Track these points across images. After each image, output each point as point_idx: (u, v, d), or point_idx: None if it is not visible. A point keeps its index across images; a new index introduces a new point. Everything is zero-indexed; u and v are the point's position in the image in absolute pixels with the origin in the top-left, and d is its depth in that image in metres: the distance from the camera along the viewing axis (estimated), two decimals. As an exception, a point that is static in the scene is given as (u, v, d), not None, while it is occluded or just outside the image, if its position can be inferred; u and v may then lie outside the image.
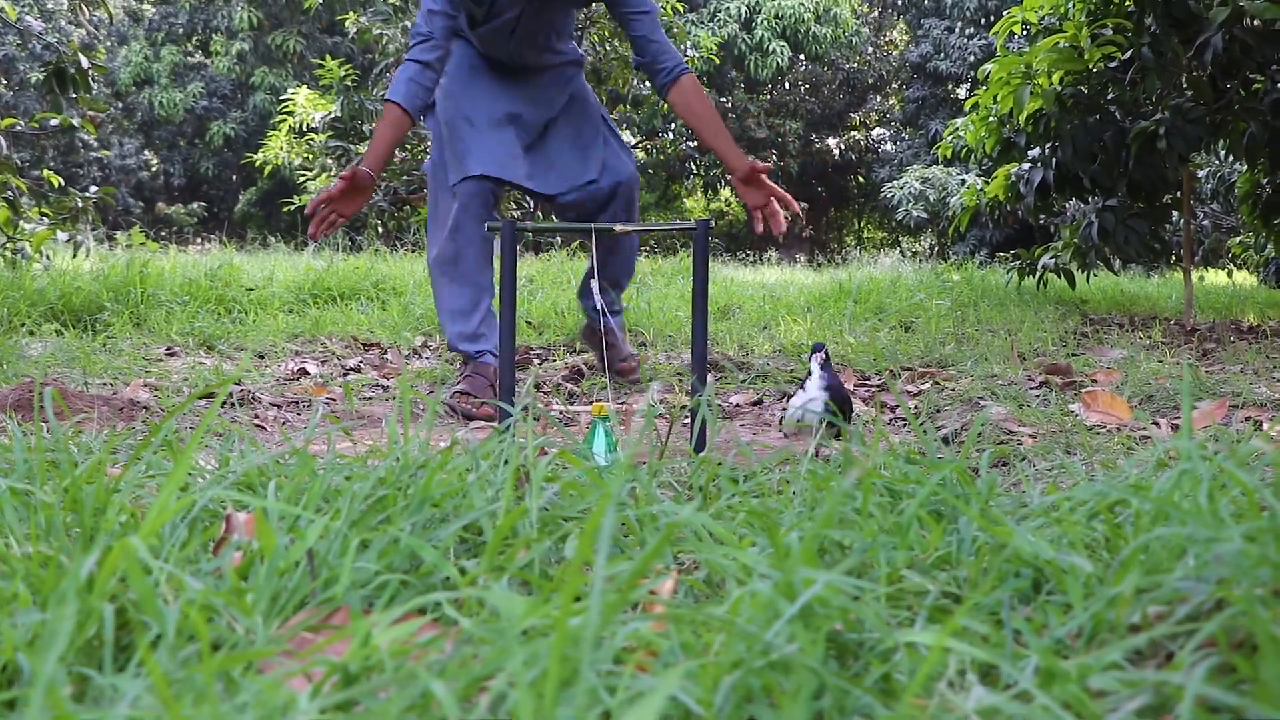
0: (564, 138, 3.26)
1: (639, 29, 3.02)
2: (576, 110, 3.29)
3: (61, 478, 1.21)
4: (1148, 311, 6.99)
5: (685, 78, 2.98)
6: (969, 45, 21.53)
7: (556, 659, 0.61)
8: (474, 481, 1.20)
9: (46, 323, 4.51)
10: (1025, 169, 6.52)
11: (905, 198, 17.51)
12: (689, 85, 2.98)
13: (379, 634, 0.80)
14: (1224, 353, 4.44)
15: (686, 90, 2.98)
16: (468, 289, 3.15)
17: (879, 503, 1.23)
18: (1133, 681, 0.79)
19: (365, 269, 6.68)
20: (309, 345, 4.51)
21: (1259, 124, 5.69)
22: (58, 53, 5.54)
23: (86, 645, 0.85)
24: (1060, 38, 5.82)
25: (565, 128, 3.27)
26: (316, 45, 24.55)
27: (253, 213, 24.81)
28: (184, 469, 0.94)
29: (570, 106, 3.29)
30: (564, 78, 3.30)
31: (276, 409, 3.01)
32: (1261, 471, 1.28)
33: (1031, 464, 2.11)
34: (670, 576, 1.06)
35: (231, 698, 0.78)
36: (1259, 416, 2.52)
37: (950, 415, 2.89)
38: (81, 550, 1.03)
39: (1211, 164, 10.59)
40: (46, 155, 21.77)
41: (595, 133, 3.28)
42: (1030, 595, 1.00)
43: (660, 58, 2.98)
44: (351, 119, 11.64)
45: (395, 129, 2.86)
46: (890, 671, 0.82)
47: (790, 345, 4.49)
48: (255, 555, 1.00)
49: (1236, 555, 0.86)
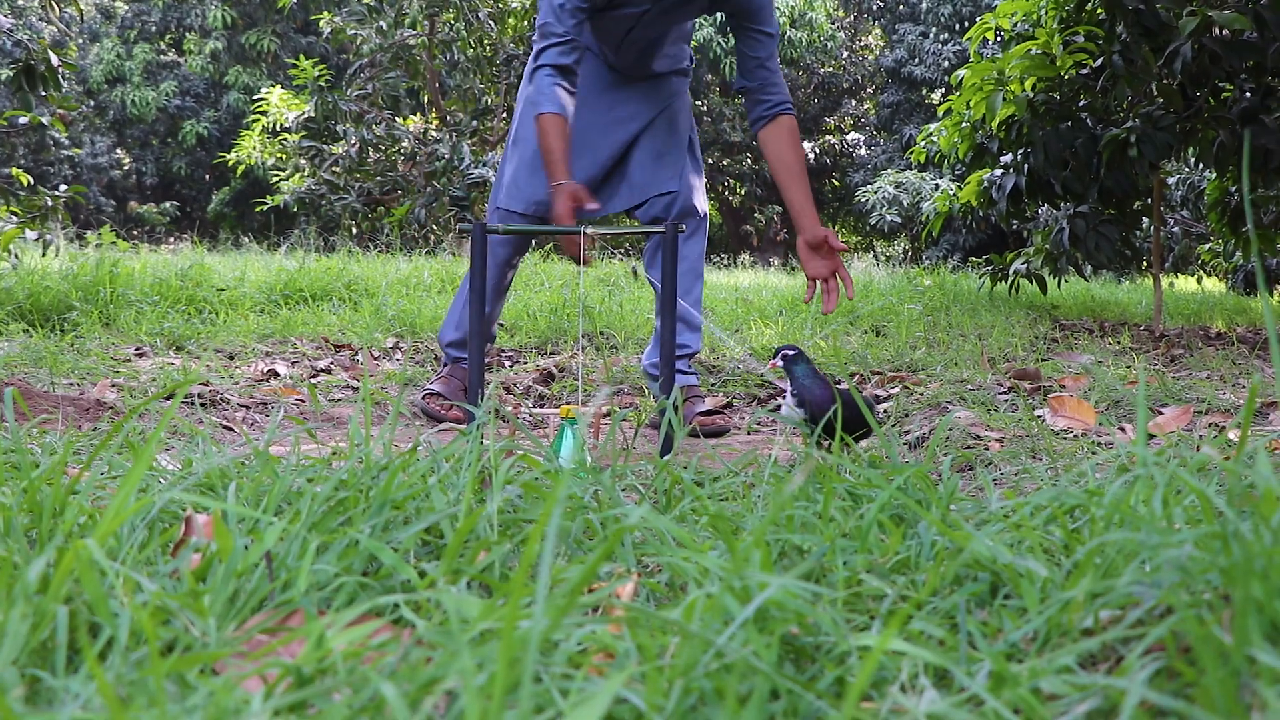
0: (646, 151, 3.06)
1: (758, 50, 2.82)
2: (665, 124, 3.10)
3: (20, 478, 1.20)
4: (1118, 317, 7.05)
5: (787, 118, 2.83)
6: (943, 51, 21.66)
7: (505, 662, 0.62)
8: (435, 483, 1.20)
9: (14, 322, 4.47)
10: (998, 175, 6.57)
11: (879, 202, 17.59)
12: (787, 126, 2.82)
13: (334, 636, 0.80)
14: (1191, 359, 4.48)
15: (784, 131, 2.82)
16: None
17: (840, 507, 1.24)
18: (1082, 685, 0.79)
19: (337, 270, 6.65)
20: (279, 346, 4.48)
21: (1227, 132, 5.75)
22: (27, 50, 5.50)
23: (40, 647, 0.85)
24: (1032, 44, 5.86)
25: (652, 140, 3.07)
26: (291, 45, 24.46)
27: (225, 213, 24.67)
28: (142, 469, 0.94)
29: (659, 120, 3.08)
30: (667, 89, 3.11)
31: (245, 410, 2.99)
32: (1217, 478, 1.29)
33: (996, 468, 2.13)
34: (631, 579, 1.06)
35: (185, 700, 0.77)
36: (1223, 422, 2.55)
37: (917, 420, 2.90)
38: (38, 552, 1.02)
39: (1181, 171, 10.70)
40: (16, 153, 21.58)
41: (680, 150, 3.09)
42: (987, 599, 1.01)
43: (769, 89, 2.82)
44: (325, 119, 11.60)
45: (563, 138, 2.64)
46: (844, 675, 0.82)
47: (761, 349, 4.50)
48: (214, 557, 1.00)
49: (1186, 561, 0.87)
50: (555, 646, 0.82)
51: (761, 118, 2.84)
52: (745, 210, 26.02)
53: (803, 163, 2.82)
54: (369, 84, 11.44)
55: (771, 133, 2.82)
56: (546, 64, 2.69)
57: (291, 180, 12.00)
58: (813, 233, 2.71)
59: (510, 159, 3.09)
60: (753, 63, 2.82)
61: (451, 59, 12.50)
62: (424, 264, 7.75)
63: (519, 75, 12.53)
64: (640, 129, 3.05)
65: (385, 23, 11.28)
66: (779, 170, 2.81)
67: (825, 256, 2.71)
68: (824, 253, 2.71)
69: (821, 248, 2.71)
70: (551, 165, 2.60)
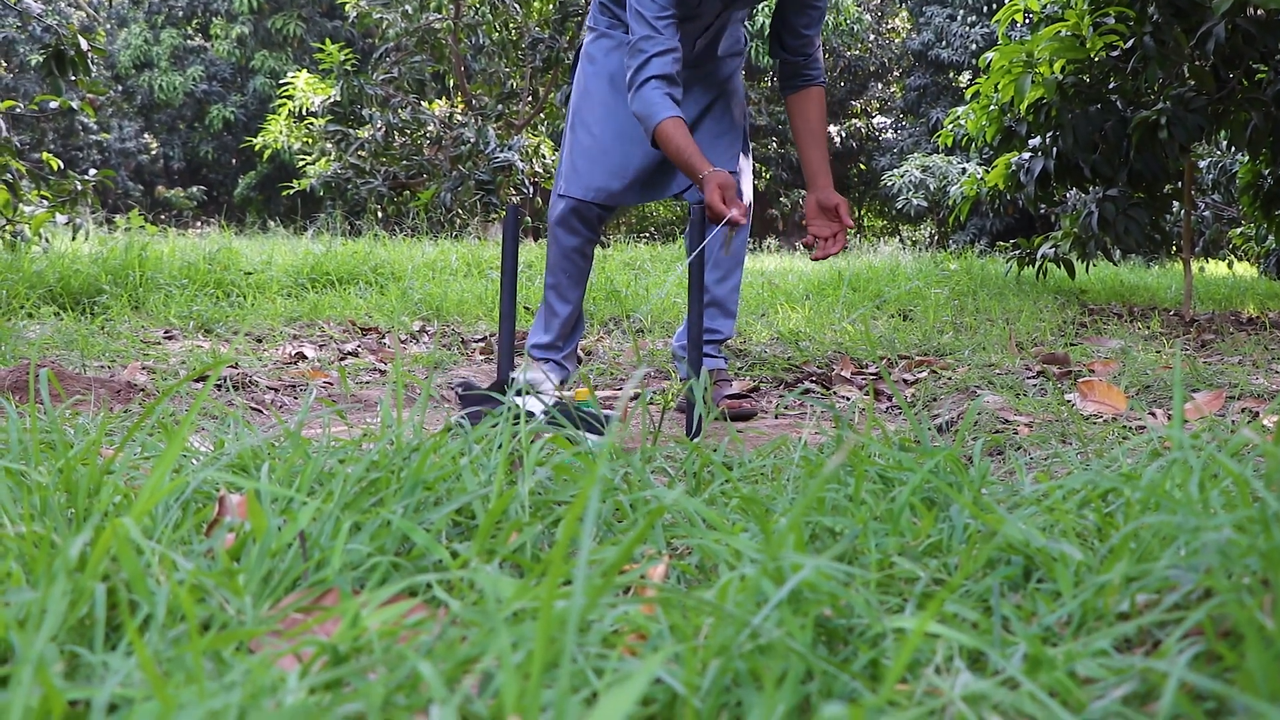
0: (706, 132, 3.06)
1: (807, 26, 2.90)
2: (722, 107, 3.10)
3: (56, 459, 1.21)
4: (1147, 302, 6.99)
5: (818, 90, 2.93)
6: (971, 33, 21.49)
7: (542, 641, 0.62)
8: (467, 465, 1.20)
9: (45, 305, 4.50)
10: (1026, 158, 6.52)
11: (905, 186, 17.50)
12: (817, 96, 2.93)
13: (368, 615, 0.80)
14: (1222, 344, 4.44)
15: (813, 100, 2.92)
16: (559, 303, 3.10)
17: (871, 490, 1.23)
18: (1119, 669, 0.79)
19: (364, 254, 6.67)
20: (307, 329, 4.50)
21: (1261, 114, 5.68)
22: (57, 35, 5.53)
23: (79, 624, 0.85)
24: (1062, 26, 5.81)
25: (711, 122, 3.08)
26: (316, 29, 24.50)
27: (252, 196, 24.79)
28: (176, 450, 0.94)
29: (718, 102, 3.09)
30: (726, 70, 3.11)
31: (273, 392, 3.01)
32: (1253, 462, 1.28)
33: (1026, 453, 2.12)
34: (662, 561, 1.06)
35: (221, 677, 0.78)
36: (1256, 408, 2.52)
37: (946, 404, 2.89)
38: (75, 531, 1.03)
39: (1213, 154, 10.59)
40: (46, 138, 21.72)
41: (736, 132, 3.10)
42: (1020, 583, 1.01)
43: (810, 62, 2.91)
44: (351, 103, 11.62)
45: (689, 137, 2.66)
46: (878, 657, 0.82)
47: (788, 332, 4.49)
48: (248, 537, 1.01)
49: (1225, 544, 0.86)
50: (589, 627, 0.82)
51: (799, 86, 2.92)
52: (771, 194, 25.94)
53: (825, 128, 2.92)
54: (395, 68, 11.45)
55: (801, 98, 2.92)
56: (653, 74, 2.69)
57: (318, 164, 12.04)
58: (826, 194, 2.79)
59: (568, 145, 3.07)
60: (802, 37, 2.89)
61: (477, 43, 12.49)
62: (450, 248, 7.76)
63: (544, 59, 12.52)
64: (701, 111, 3.06)
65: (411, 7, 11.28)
66: (802, 132, 2.92)
67: (832, 219, 2.79)
68: (830, 217, 2.79)
69: (829, 212, 2.79)
70: (691, 160, 2.62)
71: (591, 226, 3.03)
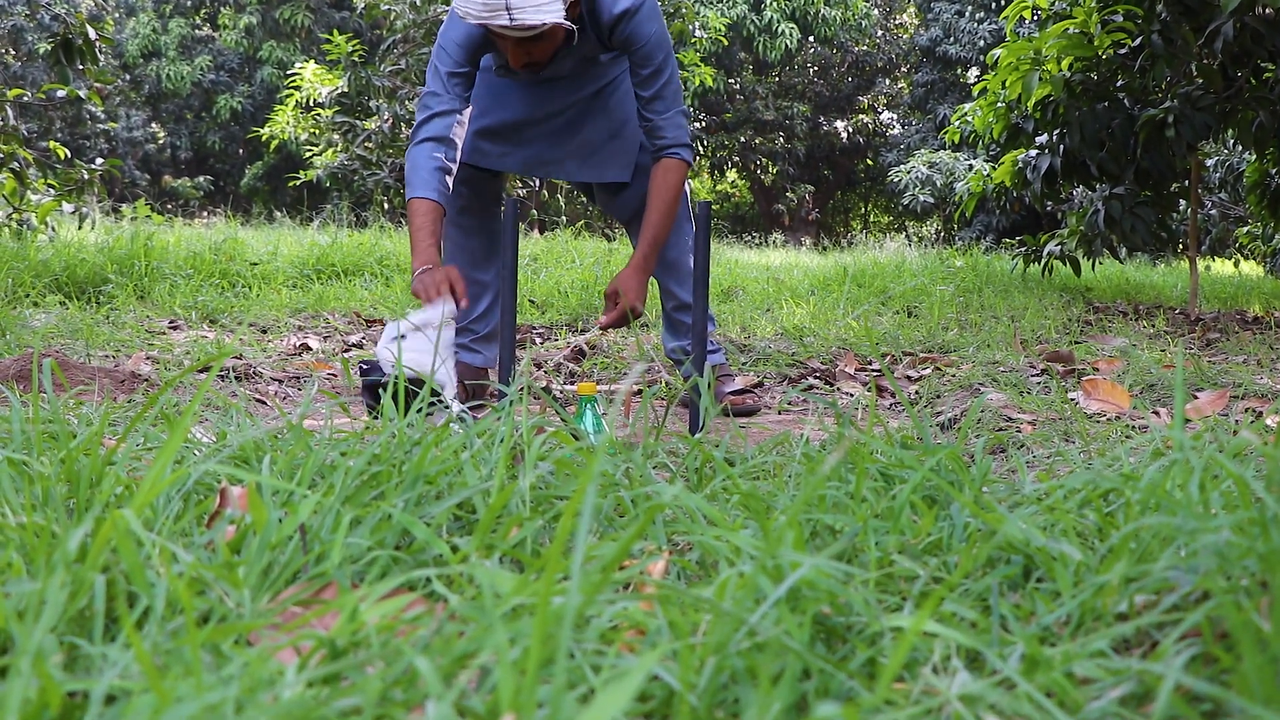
0: (601, 128, 2.90)
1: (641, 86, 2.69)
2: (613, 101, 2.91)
3: (58, 449, 1.21)
4: (1152, 300, 6.98)
5: (672, 162, 2.70)
6: (979, 30, 21.43)
7: (539, 637, 0.62)
8: (468, 459, 1.20)
9: (50, 294, 4.51)
10: (1032, 155, 6.50)
11: (912, 182, 17.46)
12: (665, 169, 2.70)
13: (367, 609, 0.81)
14: (1227, 343, 4.43)
15: (660, 173, 2.70)
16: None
17: (872, 487, 1.23)
18: (1116, 670, 0.79)
19: (369, 245, 6.67)
20: (312, 320, 4.51)
21: (1268, 113, 5.66)
22: (65, 24, 5.54)
23: (78, 615, 0.86)
24: (1070, 24, 5.79)
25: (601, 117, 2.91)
26: (324, 20, 24.49)
27: (259, 187, 24.78)
28: (178, 441, 0.94)
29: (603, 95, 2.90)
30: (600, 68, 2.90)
31: (278, 384, 3.01)
32: (1254, 463, 1.28)
33: (1028, 451, 2.11)
34: (662, 557, 1.06)
35: (219, 670, 0.78)
36: (1260, 407, 2.52)
37: (949, 401, 2.89)
38: (76, 522, 1.03)
39: (1220, 153, 10.56)
40: (53, 127, 21.75)
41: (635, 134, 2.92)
42: (1020, 582, 1.01)
43: (657, 130, 2.69)
44: (358, 94, 11.61)
45: (435, 222, 2.50)
46: (876, 656, 0.82)
47: (792, 328, 4.49)
48: (248, 529, 1.01)
49: (1223, 546, 0.86)
50: (587, 623, 0.83)
51: (651, 154, 2.75)
52: (777, 189, 25.90)
53: (668, 206, 2.69)
54: (402, 59, 11.43)
55: (655, 168, 2.72)
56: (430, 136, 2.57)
57: (324, 155, 12.03)
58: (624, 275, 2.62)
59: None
60: (640, 98, 2.70)
61: (484, 35, 12.43)
62: (455, 240, 7.74)
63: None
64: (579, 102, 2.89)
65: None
66: (651, 200, 2.70)
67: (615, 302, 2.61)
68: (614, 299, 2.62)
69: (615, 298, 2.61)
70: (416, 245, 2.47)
71: (472, 187, 2.87)
